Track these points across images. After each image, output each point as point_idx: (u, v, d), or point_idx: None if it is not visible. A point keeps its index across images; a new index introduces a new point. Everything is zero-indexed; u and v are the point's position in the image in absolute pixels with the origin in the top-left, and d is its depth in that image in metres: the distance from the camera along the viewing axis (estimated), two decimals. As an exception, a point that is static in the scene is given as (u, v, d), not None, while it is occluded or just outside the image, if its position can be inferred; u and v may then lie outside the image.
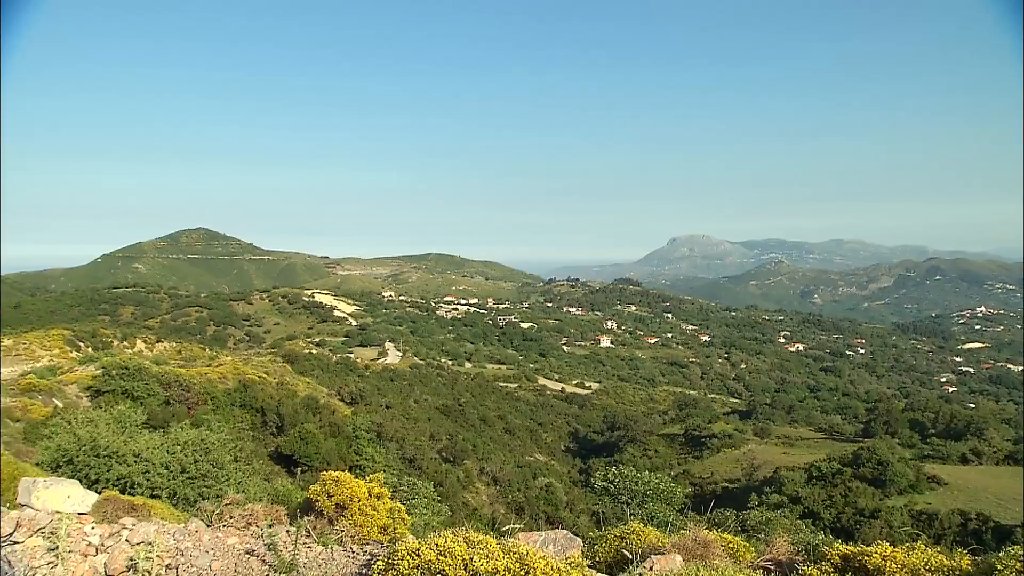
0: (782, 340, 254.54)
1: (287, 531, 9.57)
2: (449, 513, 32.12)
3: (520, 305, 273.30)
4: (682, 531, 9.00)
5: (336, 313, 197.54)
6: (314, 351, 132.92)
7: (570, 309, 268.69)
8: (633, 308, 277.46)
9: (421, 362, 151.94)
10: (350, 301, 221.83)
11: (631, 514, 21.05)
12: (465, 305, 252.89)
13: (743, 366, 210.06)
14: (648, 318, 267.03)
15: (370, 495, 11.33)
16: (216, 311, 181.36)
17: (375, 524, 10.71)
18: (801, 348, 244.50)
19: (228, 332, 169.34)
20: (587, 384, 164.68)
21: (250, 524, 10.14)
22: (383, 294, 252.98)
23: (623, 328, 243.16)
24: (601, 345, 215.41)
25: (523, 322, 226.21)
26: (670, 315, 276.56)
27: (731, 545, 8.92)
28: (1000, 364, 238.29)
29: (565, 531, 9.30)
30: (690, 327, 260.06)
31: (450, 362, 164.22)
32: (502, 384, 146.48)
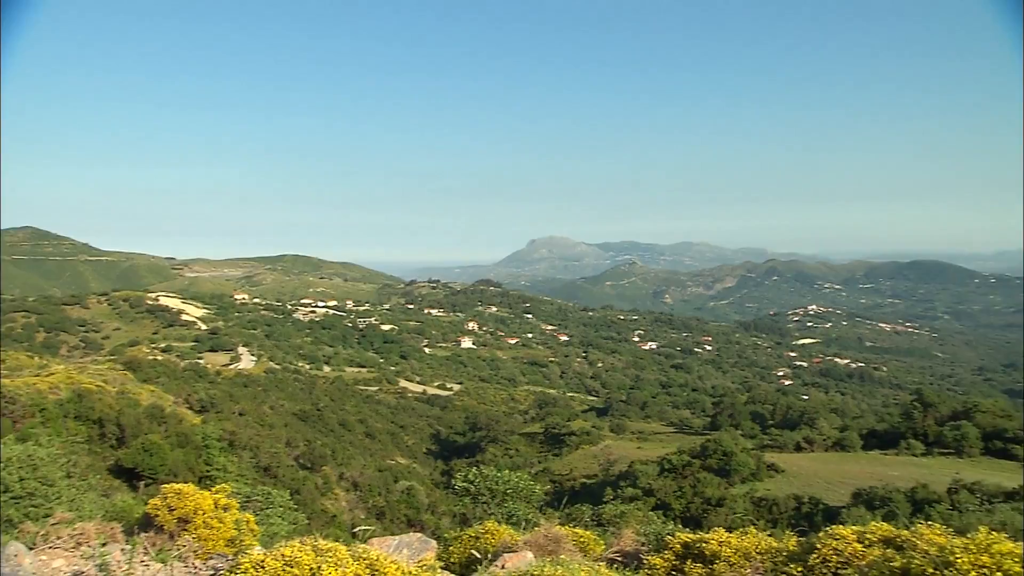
0: (636, 339, 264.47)
1: (122, 549, 8.92)
2: (306, 521, 31.15)
3: (380, 307, 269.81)
4: (536, 528, 9.11)
5: (184, 317, 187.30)
6: (159, 357, 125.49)
7: (431, 310, 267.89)
8: (494, 309, 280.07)
9: (277, 367, 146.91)
10: (199, 304, 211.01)
11: (490, 513, 21.17)
12: (323, 307, 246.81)
13: (600, 364, 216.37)
14: (509, 319, 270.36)
15: (216, 507, 10.80)
16: (46, 316, 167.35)
17: (221, 537, 10.21)
18: (654, 346, 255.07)
19: (61, 339, 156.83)
20: (449, 386, 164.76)
21: (80, 544, 9.39)
22: (236, 297, 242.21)
23: (484, 329, 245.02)
24: (463, 346, 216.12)
25: (384, 324, 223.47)
26: (530, 316, 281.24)
27: (582, 539, 9.11)
28: (828, 358, 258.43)
29: (420, 534, 9.20)
30: (549, 327, 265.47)
31: (308, 366, 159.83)
32: (362, 387, 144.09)
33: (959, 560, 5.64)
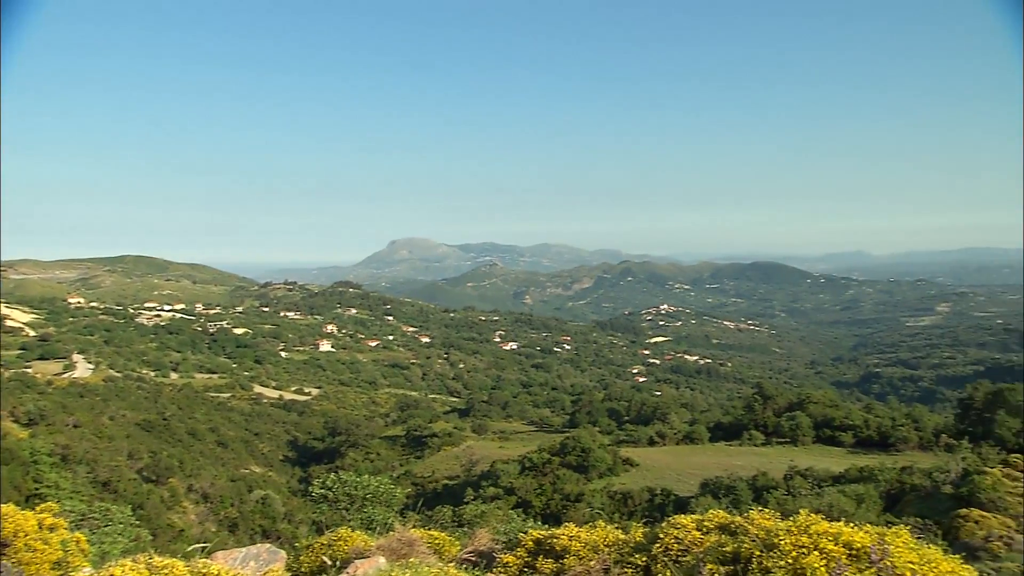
0: (497, 339, 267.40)
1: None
2: (150, 538, 29.45)
3: (233, 310, 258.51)
4: (390, 532, 9.01)
5: (9, 323, 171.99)
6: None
7: (288, 313, 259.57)
8: (354, 311, 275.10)
9: (118, 375, 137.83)
10: (26, 309, 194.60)
11: (349, 520, 20.81)
12: (170, 311, 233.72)
13: (462, 365, 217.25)
14: (369, 321, 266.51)
15: (41, 527, 10.01)
16: None
17: (46, 560, 9.45)
18: (515, 346, 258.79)
19: None
20: (307, 390, 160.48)
21: None
22: (69, 300, 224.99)
23: (344, 331, 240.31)
24: (321, 349, 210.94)
25: (236, 328, 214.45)
26: (391, 317, 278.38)
27: (437, 541, 9.10)
28: (679, 355, 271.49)
29: (269, 545, 8.89)
30: (411, 329, 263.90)
31: (153, 373, 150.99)
32: (214, 394, 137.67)
33: (782, 542, 6.10)
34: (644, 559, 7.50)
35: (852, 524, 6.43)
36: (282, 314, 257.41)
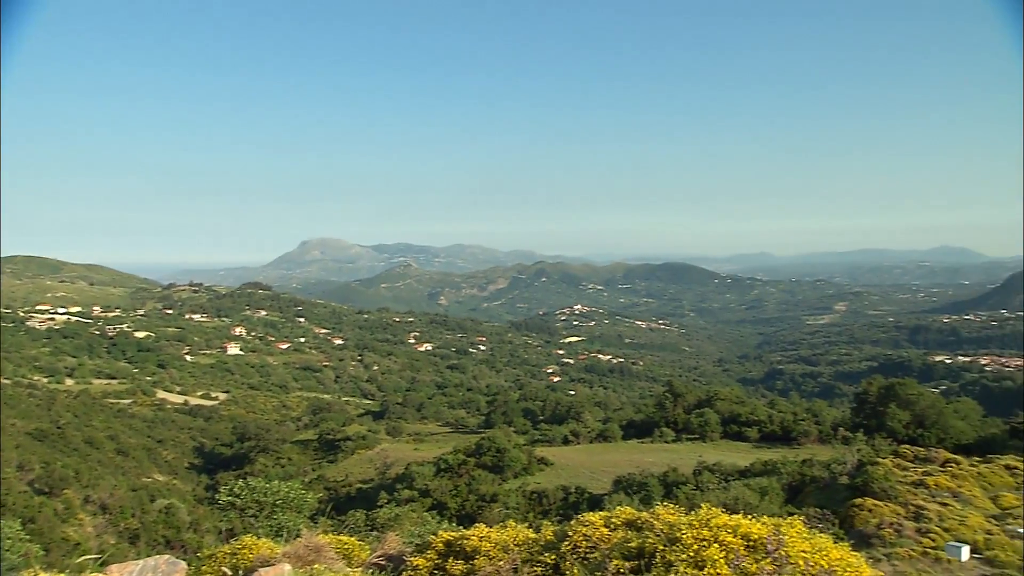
0: (412, 340, 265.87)
1: None
2: (42, 553, 27.95)
3: (134, 313, 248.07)
4: (298, 539, 8.81)
5: None
6: None
7: (193, 316, 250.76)
8: (263, 313, 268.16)
9: (7, 381, 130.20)
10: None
11: (258, 527, 20.31)
12: (64, 314, 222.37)
13: (376, 367, 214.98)
14: (280, 323, 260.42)
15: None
16: None
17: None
18: (430, 347, 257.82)
19: None
20: (214, 395, 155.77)
21: None
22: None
23: (253, 334, 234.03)
24: (229, 352, 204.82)
25: (138, 331, 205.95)
26: (302, 319, 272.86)
27: (345, 546, 8.95)
28: (592, 355, 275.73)
29: (168, 555, 8.54)
30: (323, 331, 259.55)
31: (46, 379, 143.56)
32: (113, 401, 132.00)
33: (684, 535, 6.28)
34: (553, 557, 7.58)
35: (751, 516, 6.68)
36: (187, 316, 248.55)
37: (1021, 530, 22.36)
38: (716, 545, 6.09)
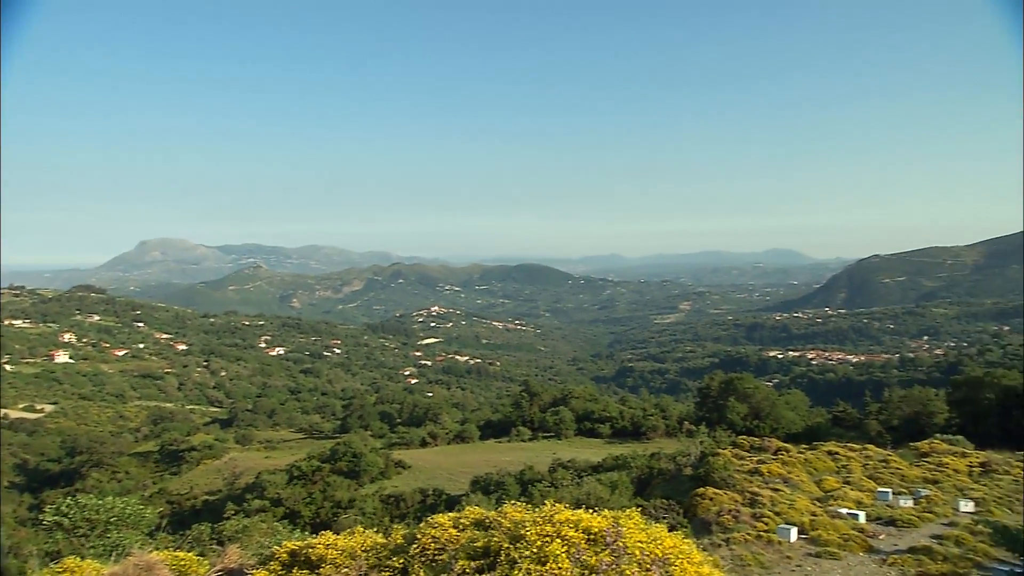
0: (263, 345, 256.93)
1: None
2: None
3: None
4: (128, 558, 8.27)
5: None
6: None
7: (14, 321, 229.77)
8: (97, 318, 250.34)
9: None
10: None
11: (90, 547, 18.97)
12: None
13: (224, 373, 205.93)
14: (115, 328, 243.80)
15: None
16: None
17: None
18: (282, 352, 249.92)
19: None
20: (39, 407, 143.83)
21: None
22: None
23: (84, 340, 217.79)
24: (57, 361, 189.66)
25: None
26: (141, 324, 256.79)
27: (182, 563, 8.49)
28: (450, 356, 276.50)
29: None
30: (164, 336, 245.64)
31: None
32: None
33: (528, 532, 6.41)
34: (402, 561, 7.51)
35: (601, 510, 6.91)
36: (8, 322, 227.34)
37: (842, 511, 24.40)
38: (559, 540, 6.26)
